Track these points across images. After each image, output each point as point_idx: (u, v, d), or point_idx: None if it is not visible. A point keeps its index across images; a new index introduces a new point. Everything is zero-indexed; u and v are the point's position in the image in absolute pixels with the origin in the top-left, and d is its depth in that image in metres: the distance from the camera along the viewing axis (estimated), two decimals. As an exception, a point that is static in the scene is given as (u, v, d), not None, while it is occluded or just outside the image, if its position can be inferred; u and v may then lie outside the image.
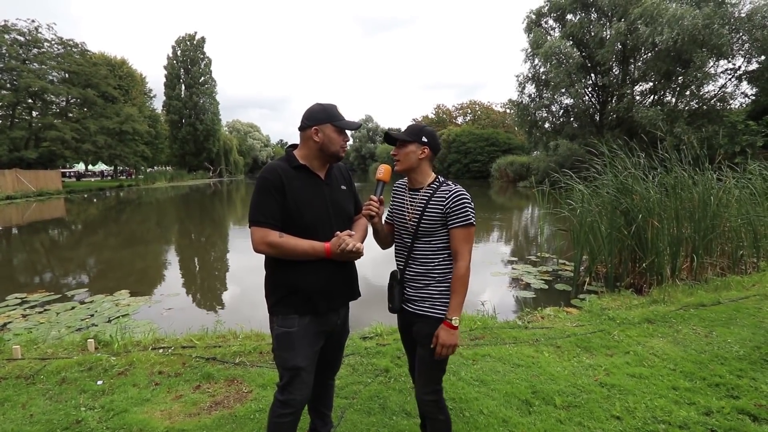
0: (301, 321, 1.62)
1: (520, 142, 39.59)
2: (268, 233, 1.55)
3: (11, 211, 17.99)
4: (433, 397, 1.71)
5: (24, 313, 4.87)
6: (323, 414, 1.99)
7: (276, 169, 1.62)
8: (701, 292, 4.52)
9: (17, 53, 27.60)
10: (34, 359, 3.07)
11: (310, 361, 1.65)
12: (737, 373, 2.71)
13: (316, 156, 1.66)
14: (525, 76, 25.30)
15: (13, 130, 27.01)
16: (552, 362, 2.96)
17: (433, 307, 1.64)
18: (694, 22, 16.56)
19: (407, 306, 1.69)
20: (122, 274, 7.21)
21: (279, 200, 1.57)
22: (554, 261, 7.27)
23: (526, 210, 16.82)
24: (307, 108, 1.69)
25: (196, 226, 14.09)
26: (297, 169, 1.64)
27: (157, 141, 40.63)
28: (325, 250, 1.56)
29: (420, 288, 1.66)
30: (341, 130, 1.66)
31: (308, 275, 1.61)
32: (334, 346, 1.85)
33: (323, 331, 1.69)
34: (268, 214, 1.56)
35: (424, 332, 1.64)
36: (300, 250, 1.56)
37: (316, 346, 1.68)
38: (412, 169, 1.69)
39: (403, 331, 1.84)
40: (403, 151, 1.68)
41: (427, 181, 1.70)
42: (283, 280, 1.64)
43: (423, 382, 1.72)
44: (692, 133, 17.79)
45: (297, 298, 1.62)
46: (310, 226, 1.60)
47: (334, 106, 1.69)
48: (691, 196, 5.48)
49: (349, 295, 1.79)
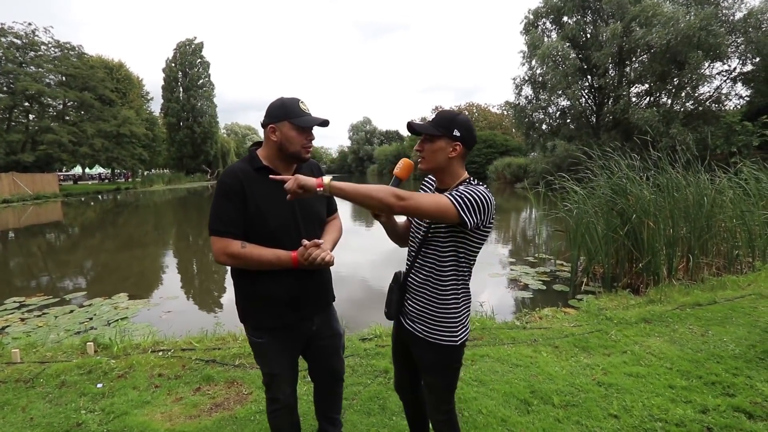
0: (266, 332, 1.57)
1: (517, 143, 39.74)
2: (229, 243, 1.44)
3: (8, 214, 17.91)
4: (447, 417, 1.55)
5: (22, 317, 4.86)
6: (333, 419, 1.95)
7: (236, 171, 1.48)
8: (697, 292, 4.55)
9: (14, 56, 27.56)
10: (33, 363, 3.07)
11: (285, 367, 1.63)
12: (733, 371, 2.73)
13: (278, 156, 1.52)
14: (522, 78, 25.50)
15: (10, 134, 26.95)
16: (550, 362, 2.98)
17: (434, 331, 1.43)
18: (690, 23, 16.71)
19: (404, 321, 1.52)
20: (120, 277, 7.20)
21: (239, 206, 1.45)
22: (552, 262, 7.31)
23: (524, 211, 16.86)
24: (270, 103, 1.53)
25: (193, 228, 14.06)
26: (259, 171, 1.50)
27: (154, 144, 40.55)
28: (292, 260, 1.44)
29: (419, 303, 1.46)
30: (302, 129, 1.47)
31: (275, 286, 1.51)
32: (327, 353, 1.77)
33: (293, 337, 1.63)
34: (228, 222, 1.44)
35: (428, 360, 1.48)
36: (264, 260, 1.44)
37: (292, 352, 1.64)
38: (440, 169, 1.41)
39: (398, 343, 1.65)
40: (430, 147, 1.38)
41: (456, 182, 1.42)
42: (249, 292, 1.55)
43: (433, 404, 1.55)
44: (688, 134, 17.94)
45: (264, 311, 1.54)
46: (275, 234, 1.48)
47: (297, 100, 1.50)
48: (685, 197, 5.53)
49: (323, 302, 1.70)
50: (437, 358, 1.46)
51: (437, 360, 1.46)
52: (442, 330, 1.42)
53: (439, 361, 1.46)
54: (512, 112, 27.54)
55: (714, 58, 18.28)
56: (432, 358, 1.46)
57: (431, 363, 1.47)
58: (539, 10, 24.19)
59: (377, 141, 78.31)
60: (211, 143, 50.48)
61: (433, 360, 1.46)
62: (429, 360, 1.47)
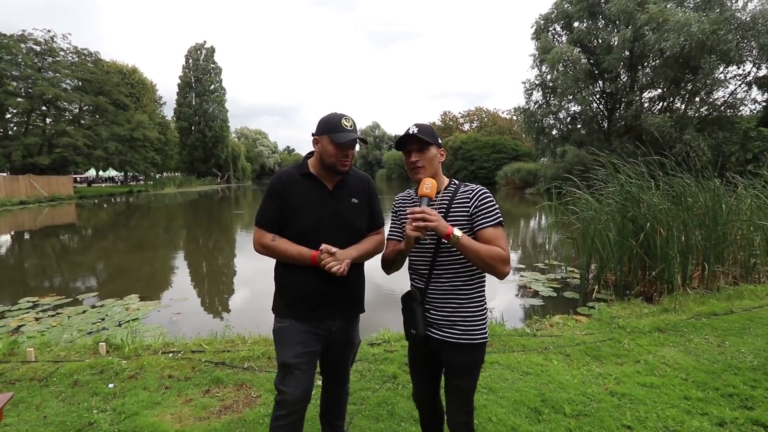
0: (291, 320, 1.68)
1: (527, 148, 39.52)
2: (263, 235, 1.65)
3: (24, 216, 18.31)
4: (467, 419, 1.57)
5: (37, 316, 4.95)
6: (335, 425, 1.97)
7: (282, 175, 1.70)
8: (713, 301, 4.45)
9: (32, 62, 28.28)
10: (47, 362, 3.12)
11: (302, 360, 1.64)
12: (751, 383, 2.66)
13: (320, 166, 1.67)
14: (532, 82, 25.42)
15: (27, 137, 27.57)
16: (561, 370, 2.94)
17: (467, 332, 1.46)
18: (702, 28, 16.48)
19: (432, 332, 1.50)
20: (132, 278, 7.30)
21: (279, 205, 1.65)
22: (563, 269, 7.22)
23: (534, 217, 16.71)
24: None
25: (204, 231, 14.22)
26: (304, 177, 1.68)
27: (166, 147, 41.19)
28: (312, 258, 1.59)
29: (447, 310, 1.48)
30: (339, 144, 1.58)
31: (296, 280, 1.66)
32: (335, 358, 1.82)
33: (315, 333, 1.67)
34: (267, 217, 1.66)
35: (459, 362, 1.49)
36: (289, 254, 1.62)
37: (310, 347, 1.67)
38: (434, 175, 1.52)
39: (421, 357, 1.63)
40: (427, 156, 1.49)
41: (443, 185, 1.56)
42: (279, 281, 1.73)
43: (458, 407, 1.56)
44: (702, 140, 17.64)
45: (288, 301, 1.69)
46: (304, 233, 1.63)
47: (341, 116, 1.60)
48: (699, 204, 5.42)
49: (351, 311, 1.76)
50: (469, 358, 1.50)
51: (469, 360, 1.50)
52: (474, 330, 1.48)
53: (471, 360, 1.51)
54: (522, 117, 27.40)
55: (727, 62, 17.98)
56: (464, 359, 1.49)
57: (463, 364, 1.50)
58: (549, 15, 24.15)
59: (386, 146, 78.51)
60: (222, 147, 51.18)
61: (465, 361, 1.50)
62: (461, 362, 1.50)
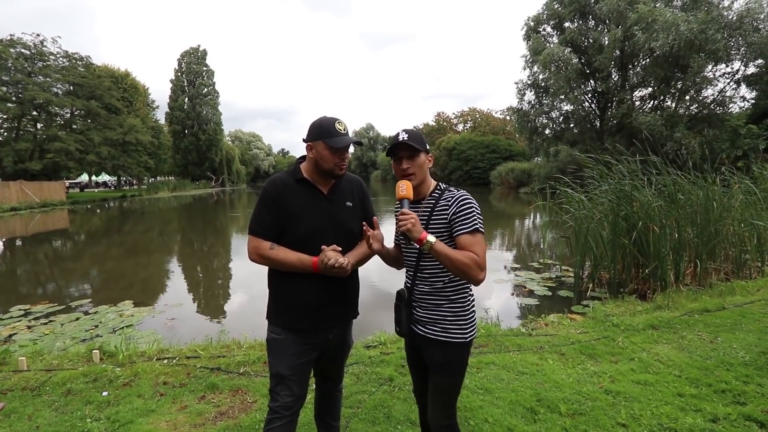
0: (287, 332, 1.64)
1: (521, 148, 39.74)
2: (259, 243, 1.60)
3: (15, 222, 18.09)
4: (450, 422, 1.59)
5: (29, 325, 4.89)
6: (330, 425, 1.96)
7: (276, 181, 1.66)
8: (705, 298, 4.50)
9: (22, 66, 27.98)
10: (39, 371, 3.08)
11: (296, 371, 1.64)
12: (743, 379, 2.69)
13: (315, 171, 1.65)
14: (525, 83, 25.52)
15: (18, 142, 27.28)
16: (556, 369, 2.95)
17: (446, 330, 1.51)
18: (690, 27, 16.68)
19: (416, 328, 1.57)
20: (126, 284, 7.24)
21: (275, 212, 1.60)
22: (557, 268, 7.26)
23: (528, 217, 16.80)
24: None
25: (198, 235, 14.14)
26: (299, 183, 1.65)
27: (159, 151, 40.95)
28: (313, 264, 1.55)
29: (430, 309, 1.54)
30: (335, 149, 1.57)
31: (303, 291, 1.61)
32: (330, 360, 1.82)
33: (311, 343, 1.66)
34: (262, 225, 1.61)
35: (439, 359, 1.53)
36: (288, 262, 1.57)
37: (305, 357, 1.66)
38: (424, 179, 1.57)
39: (412, 353, 1.72)
40: (417, 162, 1.53)
41: (429, 190, 1.60)
42: (276, 291, 1.68)
43: (438, 407, 1.58)
44: (693, 138, 17.84)
45: (285, 311, 1.65)
46: (304, 240, 1.59)
47: (334, 120, 1.60)
48: (691, 202, 5.48)
49: (346, 316, 1.76)
50: (449, 357, 1.52)
51: (449, 358, 1.52)
52: (455, 329, 1.51)
53: (451, 359, 1.53)
54: (515, 117, 27.55)
55: (716, 60, 18.20)
56: (444, 357, 1.52)
57: (443, 362, 1.53)
58: (540, 16, 24.30)
59: (381, 147, 78.60)
60: (216, 150, 50.94)
61: (445, 358, 1.52)
62: (440, 359, 1.53)
